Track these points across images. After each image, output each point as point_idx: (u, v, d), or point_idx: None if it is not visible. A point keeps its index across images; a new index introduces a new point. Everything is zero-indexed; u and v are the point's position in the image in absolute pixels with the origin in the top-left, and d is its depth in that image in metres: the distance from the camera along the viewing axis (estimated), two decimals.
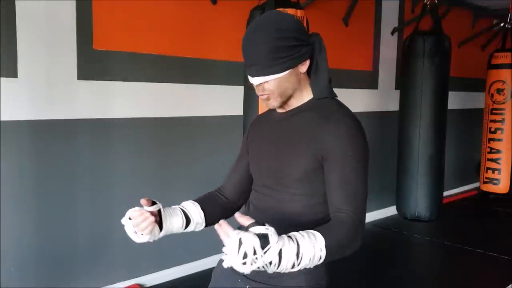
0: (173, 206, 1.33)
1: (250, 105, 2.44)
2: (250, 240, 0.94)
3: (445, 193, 4.36)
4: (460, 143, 5.23)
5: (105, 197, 2.53)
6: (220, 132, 3.01)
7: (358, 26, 3.90)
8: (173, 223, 1.27)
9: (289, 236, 1.03)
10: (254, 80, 1.22)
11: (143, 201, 1.20)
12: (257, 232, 0.96)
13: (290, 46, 1.18)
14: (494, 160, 4.68)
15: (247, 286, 1.24)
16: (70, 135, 2.38)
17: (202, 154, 2.94)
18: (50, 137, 2.32)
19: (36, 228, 2.31)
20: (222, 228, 1.00)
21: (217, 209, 1.41)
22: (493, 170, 4.70)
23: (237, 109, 2.61)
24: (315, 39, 1.25)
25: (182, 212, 1.31)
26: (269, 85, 1.21)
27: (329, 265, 1.20)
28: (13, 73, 2.15)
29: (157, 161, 2.75)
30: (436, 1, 3.79)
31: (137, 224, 1.17)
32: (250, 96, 2.44)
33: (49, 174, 2.33)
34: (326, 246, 1.06)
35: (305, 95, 1.29)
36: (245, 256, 0.93)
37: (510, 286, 2.71)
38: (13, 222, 2.22)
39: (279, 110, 1.31)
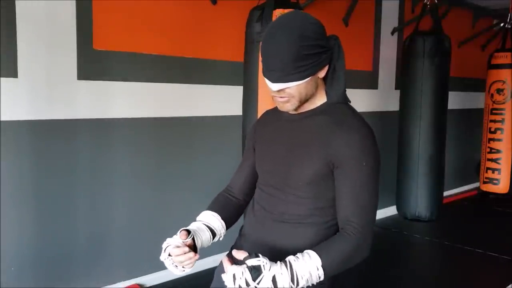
0: (197, 224, 1.35)
1: (249, 105, 2.43)
2: (242, 274, 1.07)
3: (445, 193, 4.35)
4: (460, 143, 5.23)
5: (104, 197, 2.53)
6: (220, 132, 3.01)
7: (358, 26, 3.90)
8: (203, 242, 1.32)
9: (284, 261, 1.12)
10: (273, 86, 1.20)
11: (181, 235, 1.23)
12: (250, 265, 1.08)
13: (312, 54, 1.17)
14: (494, 160, 4.68)
15: None
16: (70, 135, 2.38)
17: (202, 154, 2.94)
18: (50, 137, 2.31)
19: (36, 228, 2.31)
20: (223, 264, 1.13)
21: (232, 211, 1.45)
22: (493, 170, 4.70)
23: (237, 109, 2.61)
24: (335, 44, 1.25)
25: (207, 228, 1.34)
26: (289, 90, 1.20)
27: None
28: (13, 73, 2.15)
29: (157, 161, 2.75)
30: (436, 1, 3.78)
31: (180, 262, 1.21)
32: (249, 96, 2.44)
33: (49, 174, 2.33)
34: (323, 265, 1.12)
35: (318, 99, 1.28)
36: None
37: (510, 286, 2.70)
38: (13, 222, 2.22)
39: (290, 112, 1.30)
